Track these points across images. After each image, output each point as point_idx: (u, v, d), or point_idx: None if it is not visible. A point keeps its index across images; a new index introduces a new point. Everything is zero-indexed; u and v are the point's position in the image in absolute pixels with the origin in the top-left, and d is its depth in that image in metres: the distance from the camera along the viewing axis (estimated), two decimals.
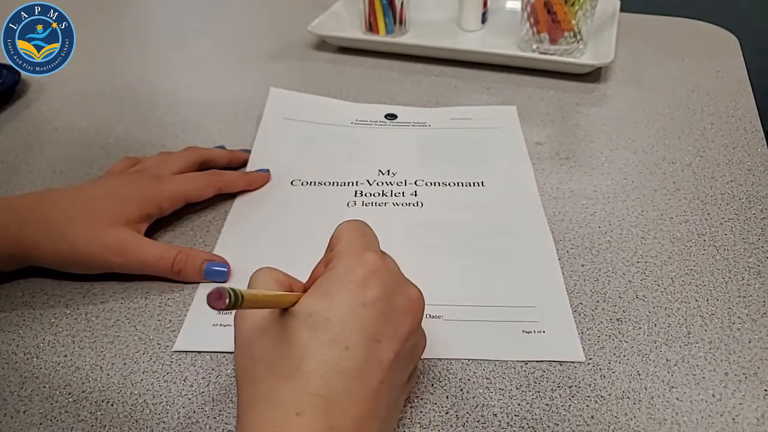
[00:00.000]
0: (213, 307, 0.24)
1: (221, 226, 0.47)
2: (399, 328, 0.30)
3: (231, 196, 0.50)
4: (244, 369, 0.29)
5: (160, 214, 0.45)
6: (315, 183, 0.51)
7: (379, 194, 0.50)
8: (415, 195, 0.50)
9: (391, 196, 0.50)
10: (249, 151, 0.54)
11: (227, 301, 0.24)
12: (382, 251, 0.33)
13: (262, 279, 0.32)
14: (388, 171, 0.53)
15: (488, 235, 0.46)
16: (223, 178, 0.49)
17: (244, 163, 0.53)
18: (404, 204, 0.49)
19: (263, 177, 0.51)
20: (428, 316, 0.39)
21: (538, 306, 0.40)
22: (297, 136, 0.57)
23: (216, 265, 0.42)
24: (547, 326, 0.39)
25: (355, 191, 0.50)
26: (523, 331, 0.39)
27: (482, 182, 0.51)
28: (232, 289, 0.24)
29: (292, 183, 0.51)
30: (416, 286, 0.32)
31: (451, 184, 0.51)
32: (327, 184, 0.51)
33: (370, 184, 0.51)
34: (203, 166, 0.50)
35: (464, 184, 0.51)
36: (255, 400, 0.28)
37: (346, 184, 0.51)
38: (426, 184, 0.51)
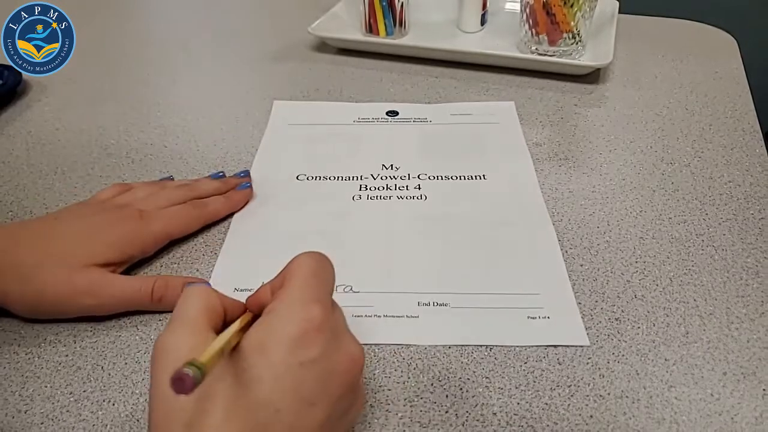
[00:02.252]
0: (182, 393, 0.22)
1: (222, 225, 0.47)
2: (335, 390, 0.28)
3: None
4: (158, 423, 0.26)
5: (141, 256, 0.43)
6: (320, 178, 0.52)
7: (383, 188, 0.51)
8: (419, 188, 0.51)
9: (396, 189, 0.50)
10: (248, 173, 0.52)
11: (193, 382, 0.22)
12: (332, 300, 0.31)
13: (191, 304, 0.29)
14: (392, 165, 0.53)
15: (491, 226, 0.47)
16: (207, 211, 0.47)
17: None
18: (408, 197, 0.50)
19: (245, 195, 0.49)
20: (435, 303, 0.40)
21: (541, 293, 0.41)
22: (301, 137, 0.58)
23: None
24: (552, 312, 0.40)
25: (360, 185, 0.51)
26: (528, 317, 0.39)
27: (484, 175, 0.52)
28: (190, 364, 0.22)
29: (297, 178, 0.52)
30: (358, 343, 0.30)
31: (454, 177, 0.52)
32: (332, 178, 0.52)
33: (375, 179, 0.52)
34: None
35: (467, 178, 0.52)
36: None
37: (351, 178, 0.52)
38: (429, 177, 0.52)
